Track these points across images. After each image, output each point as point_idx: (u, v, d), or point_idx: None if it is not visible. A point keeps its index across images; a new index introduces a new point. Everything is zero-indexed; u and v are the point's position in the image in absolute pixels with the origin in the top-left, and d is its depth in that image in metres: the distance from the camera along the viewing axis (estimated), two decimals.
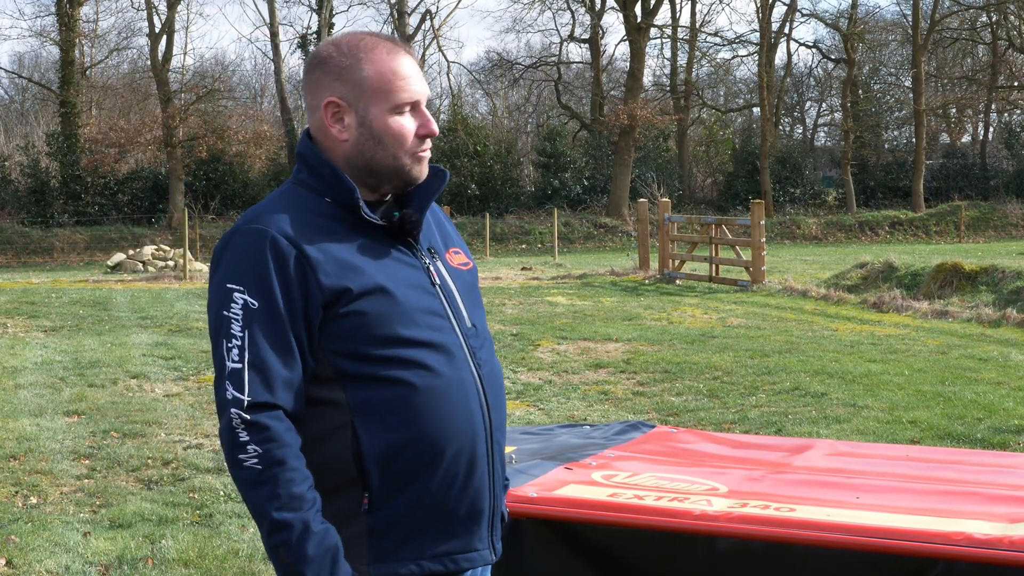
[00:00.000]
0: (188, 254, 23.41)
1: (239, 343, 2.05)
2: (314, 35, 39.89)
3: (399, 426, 2.10)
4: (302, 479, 2.03)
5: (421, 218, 2.22)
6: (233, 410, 2.03)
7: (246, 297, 2.07)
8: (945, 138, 50.29)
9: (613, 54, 61.32)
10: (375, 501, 2.10)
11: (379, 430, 2.09)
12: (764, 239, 18.86)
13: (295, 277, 2.08)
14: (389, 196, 2.25)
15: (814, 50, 47.91)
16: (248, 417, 2.02)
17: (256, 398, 2.03)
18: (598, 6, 43.91)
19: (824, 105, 52.14)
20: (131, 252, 27.27)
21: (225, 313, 2.07)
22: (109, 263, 26.41)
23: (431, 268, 2.22)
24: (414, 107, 2.20)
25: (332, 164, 2.17)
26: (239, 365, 2.05)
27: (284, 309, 2.07)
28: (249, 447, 2.02)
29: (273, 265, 2.07)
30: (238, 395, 2.04)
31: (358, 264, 2.12)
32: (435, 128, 2.20)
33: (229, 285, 2.08)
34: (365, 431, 2.09)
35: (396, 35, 40.63)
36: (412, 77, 2.19)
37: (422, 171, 2.22)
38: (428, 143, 2.21)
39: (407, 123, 2.18)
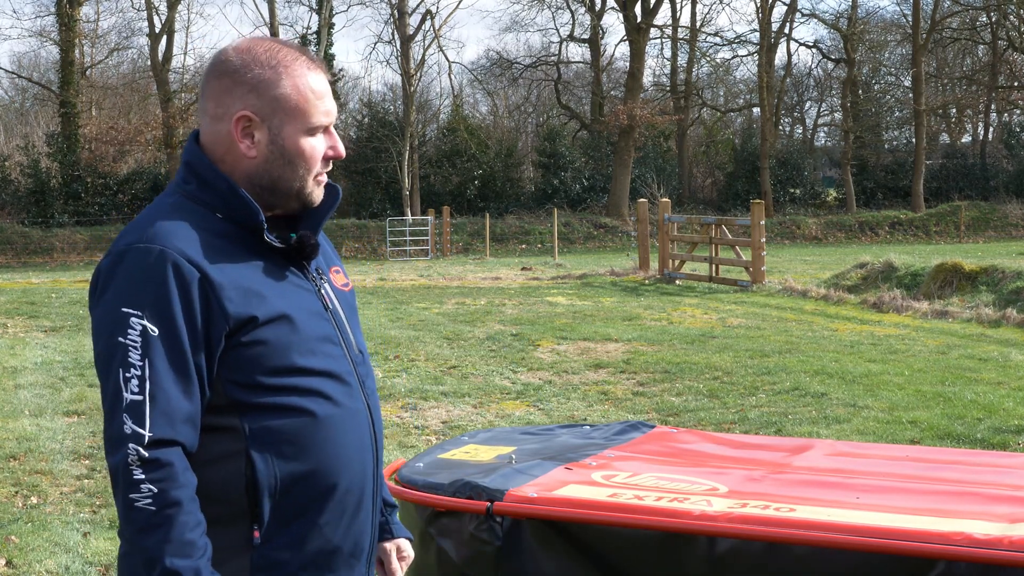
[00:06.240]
0: None
1: (139, 373, 1.89)
2: (314, 35, 39.89)
3: (297, 456, 2.00)
4: (195, 524, 1.89)
5: (317, 239, 2.12)
6: (131, 446, 1.87)
7: (145, 323, 1.90)
8: (945, 138, 50.33)
9: (613, 54, 61.45)
10: (263, 535, 2.00)
11: (275, 460, 1.99)
12: (764, 239, 18.86)
13: (198, 303, 1.93)
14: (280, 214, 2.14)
15: (814, 50, 48.01)
16: (147, 455, 1.87)
17: (157, 434, 1.88)
18: (598, 6, 43.95)
19: (824, 105, 52.22)
20: None
21: (121, 340, 1.90)
22: None
23: (322, 291, 2.13)
24: (325, 128, 2.10)
25: (230, 180, 2.03)
26: (139, 397, 1.89)
27: (186, 337, 1.92)
28: (143, 487, 1.86)
29: (175, 289, 1.92)
30: (138, 430, 1.88)
31: (261, 290, 2.00)
32: (342, 150, 2.12)
33: (125, 309, 1.91)
34: (261, 460, 1.98)
35: (397, 35, 40.83)
36: (327, 96, 2.08)
37: (320, 195, 2.13)
38: (329, 166, 2.12)
39: (319, 145, 2.08)
